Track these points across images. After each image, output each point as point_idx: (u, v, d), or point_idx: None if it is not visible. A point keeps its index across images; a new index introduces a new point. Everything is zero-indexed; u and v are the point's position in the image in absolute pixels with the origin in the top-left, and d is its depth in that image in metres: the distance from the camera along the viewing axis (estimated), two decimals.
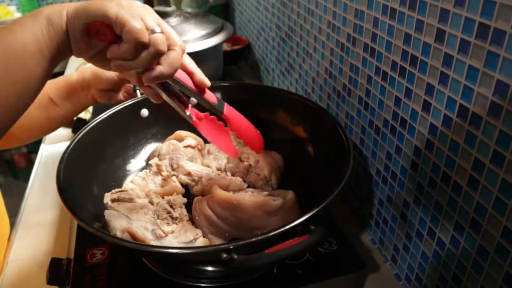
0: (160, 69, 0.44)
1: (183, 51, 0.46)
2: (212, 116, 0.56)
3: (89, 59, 0.47)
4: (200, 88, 0.52)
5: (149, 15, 0.43)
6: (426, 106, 0.49)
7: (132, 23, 0.41)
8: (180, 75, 0.50)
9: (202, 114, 0.55)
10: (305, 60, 0.85)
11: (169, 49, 0.45)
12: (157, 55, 0.43)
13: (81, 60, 1.27)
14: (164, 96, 0.50)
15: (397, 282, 0.61)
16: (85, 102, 0.78)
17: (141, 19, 0.42)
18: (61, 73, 1.42)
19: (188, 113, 0.53)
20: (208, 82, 0.52)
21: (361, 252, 0.66)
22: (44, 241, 0.73)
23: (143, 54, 0.42)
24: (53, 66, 0.43)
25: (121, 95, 0.79)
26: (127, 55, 0.42)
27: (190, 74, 0.51)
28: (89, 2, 0.42)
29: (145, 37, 0.42)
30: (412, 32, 0.49)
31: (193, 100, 0.55)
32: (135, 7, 0.43)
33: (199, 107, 0.54)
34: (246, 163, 0.66)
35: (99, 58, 0.46)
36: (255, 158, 0.65)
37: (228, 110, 0.57)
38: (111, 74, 0.75)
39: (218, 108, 0.55)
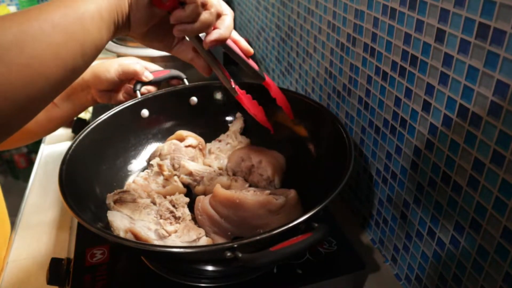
0: (219, 31, 0.48)
1: (233, 17, 0.50)
2: (248, 94, 0.60)
3: (143, 36, 0.48)
4: (245, 55, 0.56)
5: None
6: (426, 106, 0.49)
7: None
8: (229, 42, 0.54)
9: (241, 90, 0.58)
10: (305, 60, 0.85)
11: (222, 14, 0.49)
12: (217, 16, 0.48)
13: None
14: (214, 69, 0.54)
15: (397, 282, 0.61)
16: (85, 103, 0.78)
17: None
18: None
19: (233, 86, 0.56)
20: (252, 50, 0.56)
21: (361, 252, 0.66)
22: (44, 241, 0.73)
23: (205, 14, 0.46)
24: (109, 37, 0.43)
25: (121, 96, 0.80)
26: (192, 16, 0.45)
27: (235, 42, 0.55)
28: None
29: None
30: (412, 32, 0.49)
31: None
32: None
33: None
34: (248, 163, 0.66)
35: (153, 33, 0.48)
36: (258, 158, 0.65)
37: (267, 78, 0.61)
38: (111, 74, 0.75)
39: (261, 74, 0.59)
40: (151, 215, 0.57)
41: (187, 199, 0.61)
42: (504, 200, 0.40)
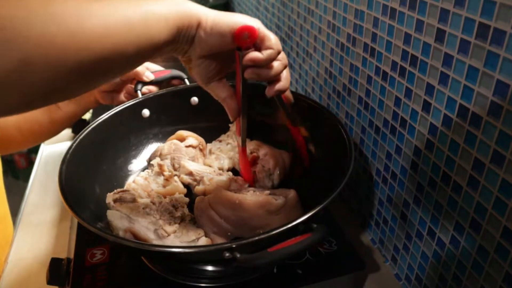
0: (282, 83, 0.49)
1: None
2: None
3: (192, 61, 0.48)
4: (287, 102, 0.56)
5: None
6: (426, 106, 0.49)
7: (273, 34, 0.46)
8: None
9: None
10: (305, 60, 0.85)
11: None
12: (284, 67, 0.48)
13: None
14: (242, 116, 0.54)
15: (397, 282, 0.61)
16: (87, 104, 0.79)
17: None
18: None
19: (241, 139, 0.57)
20: (292, 98, 0.57)
21: (361, 252, 0.66)
22: (44, 241, 0.73)
23: (276, 64, 0.47)
24: (168, 41, 0.42)
25: (122, 96, 0.80)
26: (267, 61, 0.46)
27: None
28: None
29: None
30: (412, 32, 0.49)
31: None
32: None
33: None
34: (254, 154, 0.66)
35: (204, 64, 0.48)
36: (264, 151, 0.66)
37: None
38: None
39: (297, 121, 0.60)
40: (151, 215, 0.57)
41: (187, 199, 0.61)
42: (504, 200, 0.40)
